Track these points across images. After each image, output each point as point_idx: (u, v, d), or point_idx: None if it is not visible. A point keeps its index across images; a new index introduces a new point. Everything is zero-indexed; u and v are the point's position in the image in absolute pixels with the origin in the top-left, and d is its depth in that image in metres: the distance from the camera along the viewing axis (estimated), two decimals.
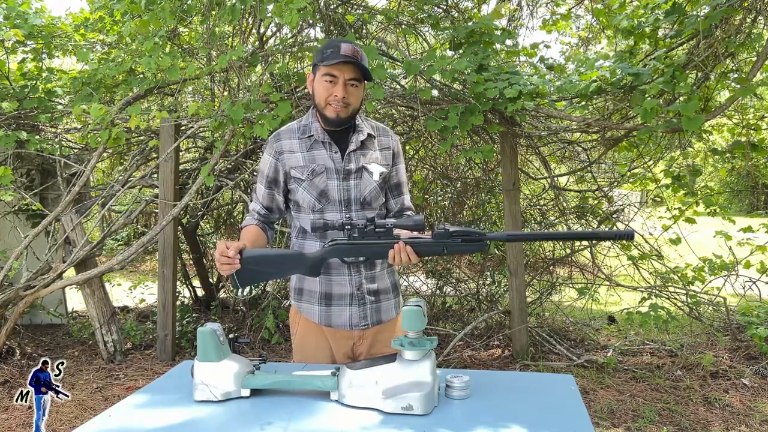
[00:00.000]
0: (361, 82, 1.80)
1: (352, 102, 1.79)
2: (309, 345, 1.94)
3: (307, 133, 1.86)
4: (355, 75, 1.77)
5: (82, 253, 4.02)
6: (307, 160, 1.84)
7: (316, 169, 1.83)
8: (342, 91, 1.76)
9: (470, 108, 3.58)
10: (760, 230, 4.15)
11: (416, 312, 1.46)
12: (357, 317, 1.88)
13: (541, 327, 4.55)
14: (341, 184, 1.83)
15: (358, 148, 1.86)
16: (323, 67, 1.75)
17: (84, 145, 4.53)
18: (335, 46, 1.74)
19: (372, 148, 1.89)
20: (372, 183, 1.86)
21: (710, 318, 4.55)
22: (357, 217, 1.84)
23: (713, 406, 3.40)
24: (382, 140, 1.93)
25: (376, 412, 1.43)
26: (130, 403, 1.52)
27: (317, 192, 1.83)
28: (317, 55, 1.80)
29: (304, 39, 4.24)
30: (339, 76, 1.75)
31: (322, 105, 1.80)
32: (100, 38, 4.66)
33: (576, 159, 4.91)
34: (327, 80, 1.76)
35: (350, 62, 1.73)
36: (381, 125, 1.98)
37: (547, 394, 1.58)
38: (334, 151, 1.84)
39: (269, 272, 1.73)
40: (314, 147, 1.85)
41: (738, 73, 3.77)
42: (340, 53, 1.72)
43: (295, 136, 1.87)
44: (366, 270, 1.87)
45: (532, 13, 5.11)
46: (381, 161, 1.89)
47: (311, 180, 1.82)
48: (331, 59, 1.73)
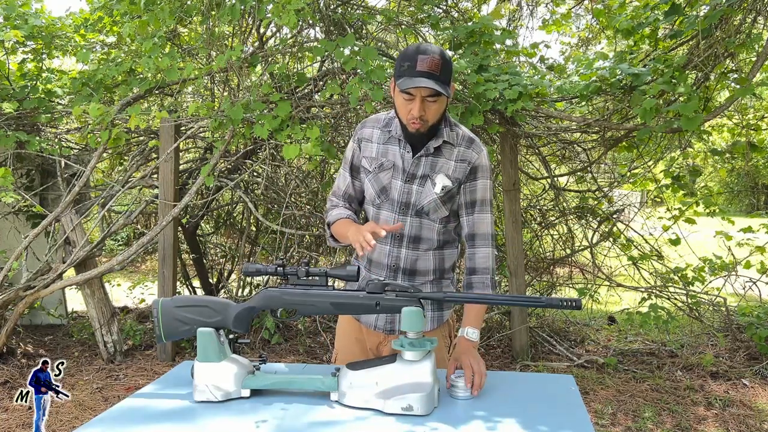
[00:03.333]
0: (441, 95, 1.64)
1: (430, 118, 1.68)
2: (347, 337, 1.95)
3: (389, 126, 1.82)
4: (433, 91, 1.62)
5: (82, 253, 4.02)
6: (380, 152, 1.81)
7: (385, 164, 1.80)
8: (419, 110, 1.64)
9: (470, 108, 3.58)
10: (760, 230, 4.15)
11: (416, 312, 1.46)
12: (382, 320, 1.87)
13: (541, 327, 4.56)
14: (404, 186, 1.78)
15: (430, 154, 1.76)
16: (398, 84, 1.65)
17: (84, 146, 4.53)
18: (412, 58, 1.61)
19: (447, 157, 1.77)
20: (432, 194, 1.76)
21: (710, 318, 4.55)
22: (410, 223, 1.78)
23: (713, 406, 3.40)
24: (463, 151, 1.77)
25: (376, 412, 1.43)
26: (130, 404, 1.52)
27: (379, 186, 1.80)
28: (397, 64, 1.68)
29: (304, 39, 4.24)
30: (416, 94, 1.63)
31: (403, 120, 1.72)
32: (99, 39, 4.66)
33: (576, 159, 4.91)
34: (404, 98, 1.65)
35: (427, 81, 1.59)
36: (471, 135, 1.81)
37: (547, 394, 1.58)
38: (407, 151, 1.78)
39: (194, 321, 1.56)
40: (390, 141, 1.81)
41: (738, 73, 3.76)
42: (416, 69, 1.59)
43: (378, 126, 1.83)
44: (404, 277, 1.82)
45: (532, 13, 5.11)
46: (451, 173, 1.76)
47: (377, 174, 1.80)
48: (406, 77, 1.61)
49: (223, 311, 1.55)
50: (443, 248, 1.85)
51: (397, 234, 1.79)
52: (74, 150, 4.72)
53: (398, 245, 1.80)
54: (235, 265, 5.52)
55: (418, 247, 1.81)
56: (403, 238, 1.80)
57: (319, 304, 1.52)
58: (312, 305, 1.53)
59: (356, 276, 1.50)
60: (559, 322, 4.82)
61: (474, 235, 1.79)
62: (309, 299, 1.52)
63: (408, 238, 1.80)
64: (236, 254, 5.42)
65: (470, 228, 1.79)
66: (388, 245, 1.81)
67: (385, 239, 1.79)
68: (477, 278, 1.78)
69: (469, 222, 1.79)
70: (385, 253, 1.82)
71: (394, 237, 1.80)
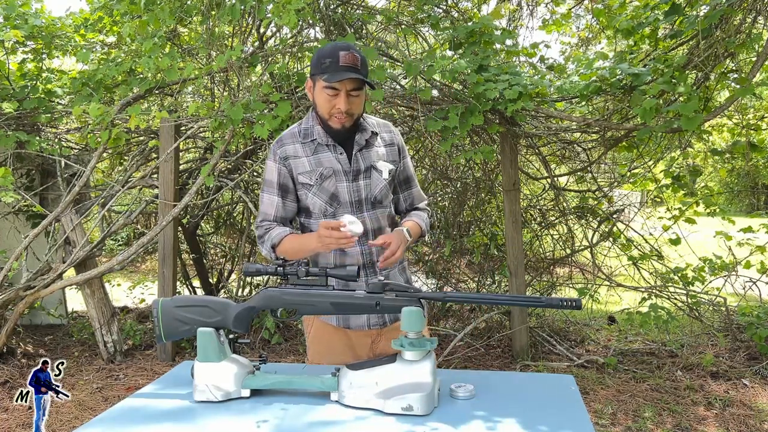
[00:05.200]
0: (362, 89, 1.74)
1: (355, 111, 1.76)
2: (326, 345, 1.91)
3: (310, 137, 1.81)
4: (357, 84, 1.71)
5: (82, 253, 4.02)
6: (313, 164, 1.80)
7: (324, 173, 1.79)
8: (344, 104, 1.71)
9: (470, 108, 3.58)
10: (760, 230, 4.15)
11: (416, 312, 1.46)
12: (375, 317, 1.88)
13: (541, 327, 4.56)
14: (351, 186, 1.81)
15: (363, 147, 1.83)
16: (323, 80, 1.70)
17: (84, 146, 4.53)
18: (333, 55, 1.67)
19: (377, 145, 1.86)
20: (382, 182, 1.85)
21: (710, 318, 4.55)
22: (369, 218, 1.83)
23: (713, 406, 3.40)
24: (384, 136, 1.89)
25: (376, 412, 1.43)
26: (130, 404, 1.52)
27: (327, 195, 1.80)
28: (314, 63, 1.73)
29: (304, 39, 4.24)
30: (340, 89, 1.70)
31: (325, 117, 1.76)
32: (99, 39, 4.66)
33: (576, 159, 4.91)
34: (328, 93, 1.71)
35: (351, 74, 1.67)
36: (381, 121, 1.94)
37: (547, 394, 1.58)
38: (339, 153, 1.81)
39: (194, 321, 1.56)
40: (319, 150, 1.81)
41: (738, 73, 3.76)
42: (340, 64, 1.66)
43: (298, 141, 1.82)
44: (381, 270, 1.85)
45: (532, 13, 5.11)
46: (387, 158, 1.87)
47: (320, 184, 1.79)
48: (331, 73, 1.66)
49: (223, 311, 1.55)
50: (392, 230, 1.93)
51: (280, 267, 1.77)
52: (74, 150, 4.72)
53: (366, 242, 1.82)
54: (235, 265, 5.52)
55: None
56: (368, 233, 1.83)
57: (319, 304, 1.53)
58: (312, 305, 1.53)
59: (356, 276, 1.50)
60: (559, 322, 4.82)
61: (413, 203, 2.00)
62: (309, 299, 1.53)
63: (373, 232, 1.84)
64: (236, 254, 5.42)
65: (409, 202, 1.99)
66: (357, 246, 1.82)
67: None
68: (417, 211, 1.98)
69: (406, 196, 1.98)
70: (357, 252, 1.83)
71: (360, 236, 1.78)
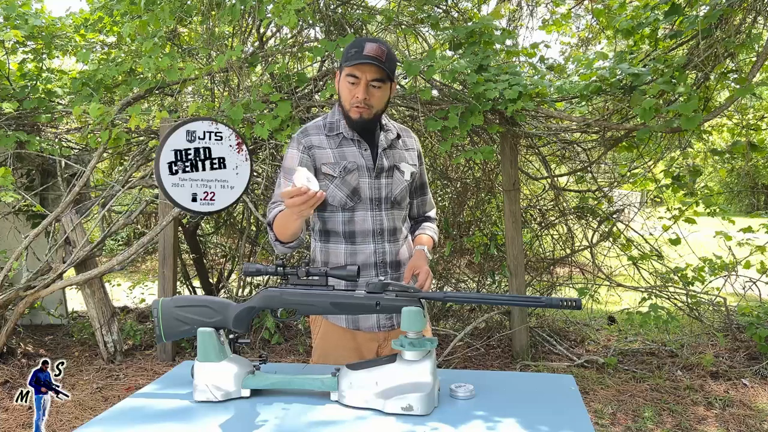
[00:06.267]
0: (385, 83, 1.74)
1: (374, 104, 1.75)
2: (333, 346, 1.89)
3: (335, 130, 1.82)
4: (379, 75, 1.71)
5: (82, 253, 4.02)
6: (337, 156, 1.79)
7: (348, 166, 1.78)
8: (363, 92, 1.71)
9: (470, 108, 3.58)
10: (760, 230, 4.15)
11: (416, 312, 1.45)
12: (384, 318, 1.87)
13: (541, 327, 4.56)
14: (373, 183, 1.81)
15: (387, 147, 1.84)
16: (346, 67, 1.71)
17: (84, 146, 4.53)
18: (360, 45, 1.69)
19: (400, 147, 1.89)
20: (403, 182, 1.86)
21: (710, 318, 4.55)
22: (386, 217, 1.83)
23: (713, 406, 3.40)
24: (406, 140, 1.92)
25: (376, 412, 1.43)
26: (130, 404, 1.52)
27: (349, 189, 1.79)
28: (343, 54, 1.76)
29: (304, 39, 4.24)
30: (361, 78, 1.71)
31: (346, 107, 1.76)
32: (99, 39, 4.66)
33: (576, 159, 4.91)
34: (350, 81, 1.72)
35: (373, 63, 1.68)
36: (402, 126, 1.98)
37: (547, 394, 1.58)
38: (364, 149, 1.81)
39: (194, 321, 1.56)
40: (343, 144, 1.81)
41: (738, 73, 3.77)
42: (363, 53, 1.67)
43: (323, 133, 1.82)
44: (392, 271, 1.85)
45: (532, 13, 5.11)
46: (409, 161, 1.89)
47: (343, 177, 1.78)
48: (353, 60, 1.68)
49: (223, 311, 1.55)
50: (406, 236, 1.95)
51: (377, 230, 1.82)
52: (74, 150, 4.72)
53: (381, 241, 1.83)
54: (235, 265, 5.52)
55: (397, 238, 1.87)
56: (383, 232, 1.83)
57: (319, 304, 1.52)
58: (312, 305, 1.53)
59: (356, 276, 1.50)
60: (559, 322, 4.82)
61: (425, 211, 2.04)
62: (309, 299, 1.52)
63: (388, 232, 1.84)
64: (236, 254, 5.42)
65: (422, 209, 2.03)
66: (372, 244, 1.82)
67: (365, 239, 1.81)
68: (429, 222, 2.03)
69: (420, 203, 2.02)
70: (371, 252, 1.83)
71: (375, 235, 1.82)
